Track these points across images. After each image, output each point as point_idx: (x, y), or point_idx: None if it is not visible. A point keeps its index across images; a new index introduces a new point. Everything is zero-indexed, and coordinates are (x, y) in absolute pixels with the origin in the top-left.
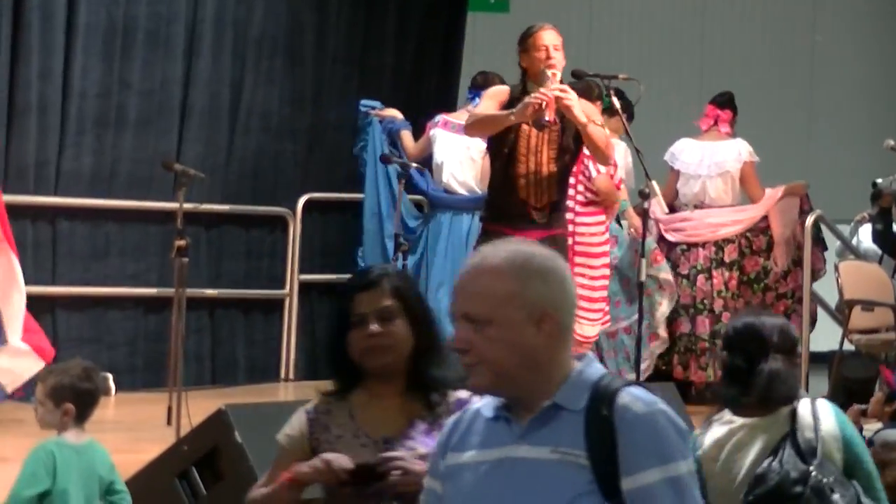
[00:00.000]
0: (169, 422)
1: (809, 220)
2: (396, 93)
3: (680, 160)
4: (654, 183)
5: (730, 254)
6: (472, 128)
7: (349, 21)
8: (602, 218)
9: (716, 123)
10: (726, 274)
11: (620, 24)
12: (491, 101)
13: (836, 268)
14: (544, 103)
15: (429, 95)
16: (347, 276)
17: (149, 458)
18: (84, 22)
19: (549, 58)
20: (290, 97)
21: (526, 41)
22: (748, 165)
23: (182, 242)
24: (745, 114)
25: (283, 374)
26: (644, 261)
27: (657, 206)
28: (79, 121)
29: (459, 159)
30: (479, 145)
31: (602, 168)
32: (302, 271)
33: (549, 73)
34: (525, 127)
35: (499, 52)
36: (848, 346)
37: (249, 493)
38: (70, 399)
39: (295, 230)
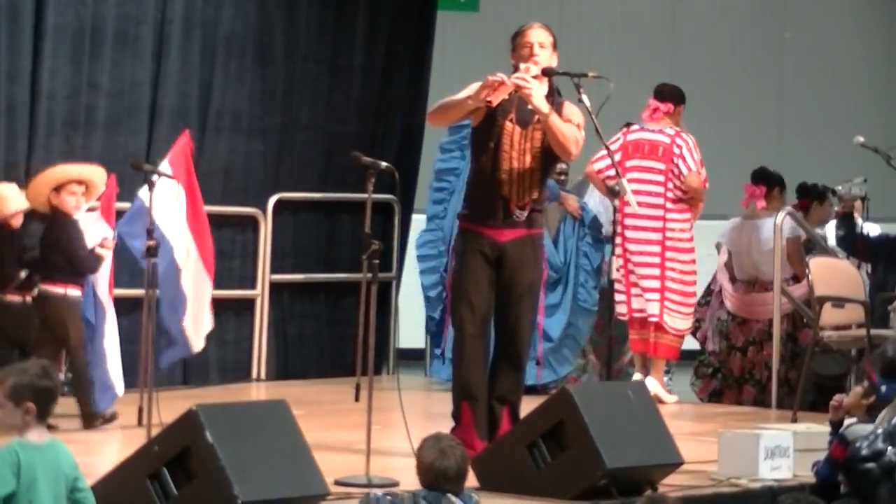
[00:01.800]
0: (140, 422)
1: (780, 216)
2: (366, 92)
3: (728, 239)
4: (624, 181)
5: (784, 328)
6: (433, 115)
7: (319, 20)
8: (688, 216)
9: (751, 196)
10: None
11: (590, 23)
12: (470, 89)
13: (807, 264)
14: (495, 85)
15: (399, 95)
16: (318, 275)
17: (120, 458)
18: (52, 23)
19: (532, 54)
20: (259, 97)
21: (515, 38)
22: (790, 242)
23: (152, 242)
24: (716, 108)
25: (254, 375)
26: (614, 259)
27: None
28: (48, 122)
29: None
30: None
31: (693, 166)
32: (273, 271)
33: (522, 65)
34: (509, 124)
35: (468, 52)
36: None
37: None
38: (30, 398)
39: (266, 230)
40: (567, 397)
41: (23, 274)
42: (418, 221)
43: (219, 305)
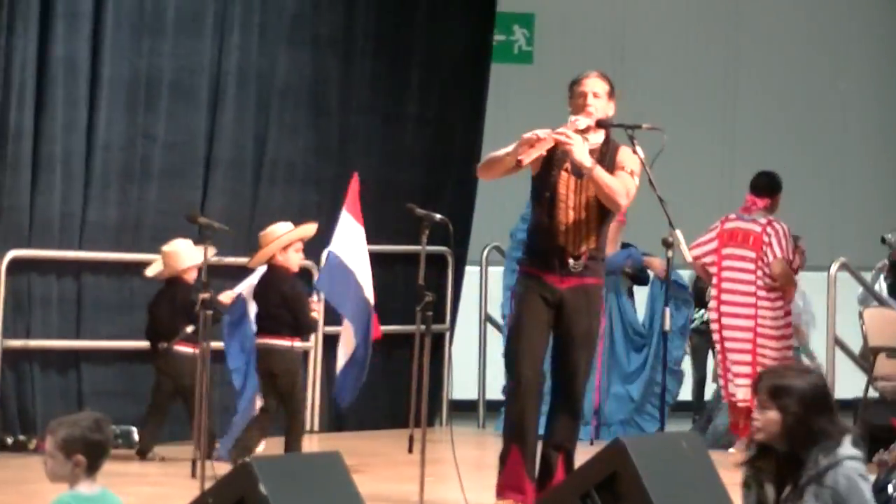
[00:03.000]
0: (193, 474)
1: (834, 268)
2: (421, 143)
3: None
4: (677, 232)
5: None
6: (481, 169)
7: (373, 71)
8: (780, 303)
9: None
10: None
11: (648, 74)
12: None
13: (861, 315)
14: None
15: (453, 146)
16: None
17: None
18: (108, 74)
19: (586, 104)
20: (314, 148)
21: (571, 87)
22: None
23: (206, 295)
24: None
25: (308, 426)
26: (667, 309)
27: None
28: (103, 173)
29: None
30: None
31: (778, 253)
32: (327, 323)
33: (571, 118)
34: (565, 173)
35: (524, 103)
36: (872, 393)
37: None
38: (80, 451)
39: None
40: (621, 448)
41: (189, 329)
42: (472, 273)
43: None
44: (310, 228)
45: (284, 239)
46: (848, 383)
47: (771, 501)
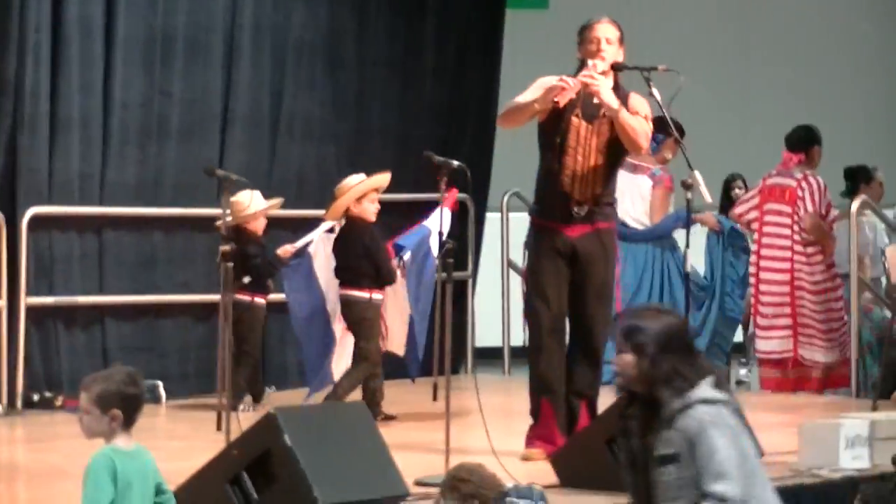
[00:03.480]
0: (219, 427)
1: (855, 205)
2: (438, 94)
3: None
4: (696, 173)
5: None
6: (503, 118)
7: (388, 24)
8: (819, 257)
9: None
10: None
11: (661, 16)
12: (536, 88)
13: (883, 252)
14: (564, 87)
15: (470, 95)
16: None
17: (200, 464)
18: (122, 33)
19: (599, 50)
20: (331, 102)
21: (582, 33)
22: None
23: (226, 248)
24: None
25: (334, 377)
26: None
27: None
28: (121, 132)
29: (631, 198)
30: (646, 183)
31: (810, 207)
32: None
33: (589, 62)
34: (575, 119)
35: (538, 49)
36: None
37: None
38: (116, 405)
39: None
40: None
41: (246, 279)
42: (492, 220)
43: None
44: (383, 178)
45: (358, 190)
46: None
47: (636, 450)
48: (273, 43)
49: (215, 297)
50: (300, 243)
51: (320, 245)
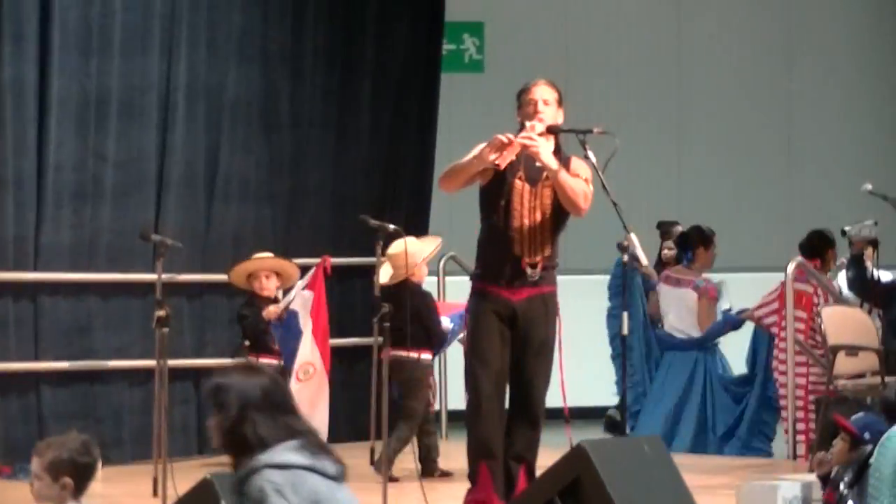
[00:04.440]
0: (155, 493)
1: (791, 267)
2: (374, 155)
3: None
4: (632, 235)
5: None
6: (443, 181)
7: (324, 85)
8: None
9: None
10: None
11: (597, 79)
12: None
13: (819, 314)
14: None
15: (407, 156)
16: (331, 340)
17: None
18: (57, 95)
19: (537, 111)
20: (267, 163)
21: (520, 96)
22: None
23: (162, 313)
24: (722, 157)
25: None
26: (625, 314)
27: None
28: (56, 194)
29: (678, 311)
30: (691, 296)
31: None
32: None
33: (527, 124)
34: (518, 182)
35: (474, 112)
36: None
37: None
38: (68, 473)
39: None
40: (583, 454)
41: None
42: (430, 284)
43: None
44: (437, 240)
45: (431, 254)
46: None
47: None
48: (208, 104)
49: (151, 363)
50: (283, 304)
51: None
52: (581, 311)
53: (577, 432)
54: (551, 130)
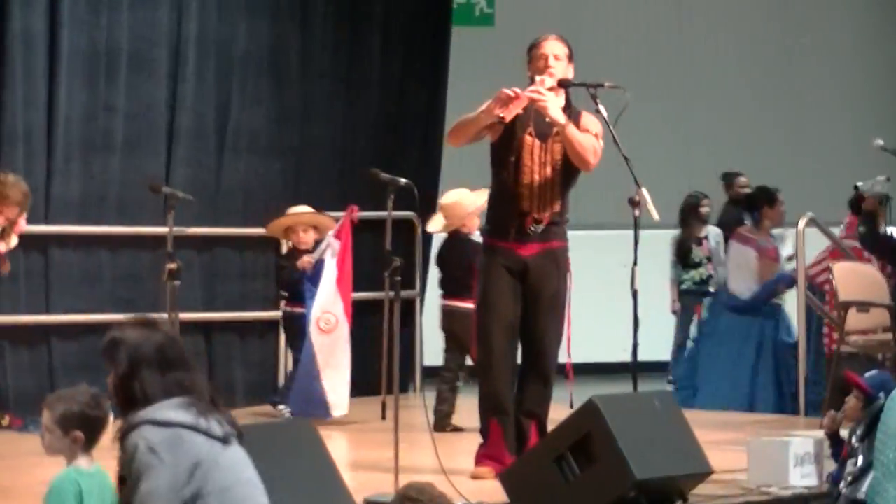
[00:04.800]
0: None
1: (802, 223)
2: (383, 109)
3: None
4: (643, 190)
5: None
6: (451, 135)
7: (334, 38)
8: None
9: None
10: None
11: (607, 34)
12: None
13: (830, 269)
14: (510, 100)
15: (417, 110)
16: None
17: None
18: (66, 47)
19: (547, 66)
20: (276, 116)
21: (531, 50)
22: None
23: (173, 266)
24: (727, 118)
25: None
26: (635, 268)
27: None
28: (66, 146)
29: (739, 268)
30: (751, 254)
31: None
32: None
33: (537, 78)
34: (528, 137)
35: (484, 66)
36: (845, 348)
37: None
38: (79, 426)
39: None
40: (594, 409)
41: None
42: (439, 238)
43: (242, 327)
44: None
45: (480, 206)
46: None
47: None
48: (218, 57)
49: (161, 316)
50: (317, 254)
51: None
52: (592, 267)
53: (589, 388)
54: (562, 84)
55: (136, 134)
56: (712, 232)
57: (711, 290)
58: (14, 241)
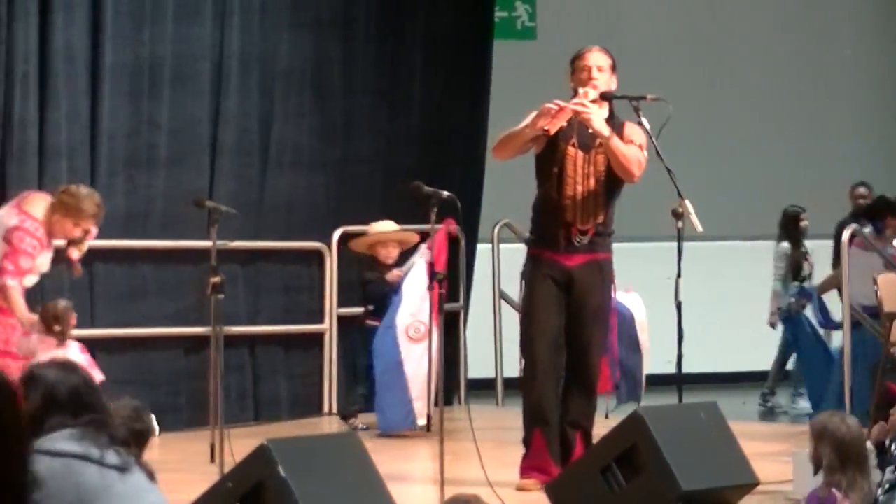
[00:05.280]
0: (212, 459)
1: (846, 234)
2: (426, 123)
3: None
4: (686, 202)
5: None
6: (496, 149)
7: (376, 53)
8: None
9: None
10: None
11: (649, 45)
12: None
13: (875, 281)
14: (552, 112)
15: (459, 125)
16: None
17: (194, 497)
18: (109, 63)
19: (590, 78)
20: (319, 131)
21: (574, 62)
22: None
23: (216, 279)
24: (779, 118)
25: (325, 408)
26: (679, 281)
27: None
28: (109, 162)
29: (864, 278)
30: (878, 263)
31: None
32: (340, 304)
33: (580, 90)
34: (571, 149)
35: (527, 79)
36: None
37: None
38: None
39: (331, 264)
40: (639, 420)
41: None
42: (483, 251)
43: (287, 341)
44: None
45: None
46: None
47: None
48: (261, 72)
49: (206, 330)
50: (406, 267)
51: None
52: (636, 278)
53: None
54: (605, 97)
55: (179, 149)
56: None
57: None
58: (85, 247)
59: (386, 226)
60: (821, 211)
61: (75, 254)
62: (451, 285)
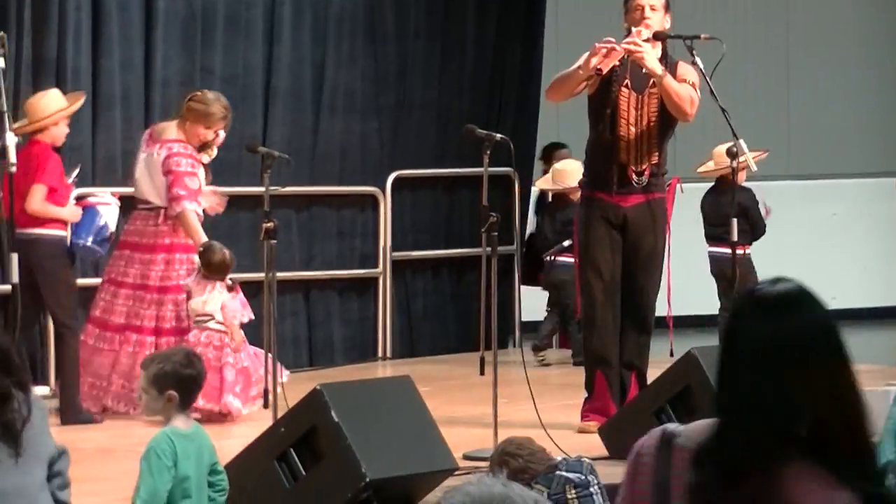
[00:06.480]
0: (266, 405)
1: None
2: (479, 67)
3: None
4: (741, 141)
5: None
6: (549, 92)
7: None
8: None
9: None
10: None
11: None
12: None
13: None
14: (604, 52)
15: (512, 67)
16: (439, 251)
17: (248, 441)
18: (163, 10)
19: (643, 17)
20: (372, 75)
21: (626, 2)
22: None
23: (270, 225)
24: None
25: (380, 353)
26: (734, 220)
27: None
28: (162, 110)
29: None
30: None
31: None
32: (394, 249)
33: (633, 29)
34: (624, 90)
35: (581, 20)
36: None
37: None
38: (173, 386)
39: (385, 208)
40: (693, 361)
41: (566, 242)
42: (537, 193)
43: (342, 285)
44: None
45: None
46: None
47: None
48: (313, 17)
49: (259, 275)
50: None
51: None
52: (690, 220)
53: (685, 340)
54: (658, 36)
55: (232, 95)
56: None
57: None
58: (214, 151)
59: (571, 164)
60: None
61: (205, 158)
62: (504, 228)
